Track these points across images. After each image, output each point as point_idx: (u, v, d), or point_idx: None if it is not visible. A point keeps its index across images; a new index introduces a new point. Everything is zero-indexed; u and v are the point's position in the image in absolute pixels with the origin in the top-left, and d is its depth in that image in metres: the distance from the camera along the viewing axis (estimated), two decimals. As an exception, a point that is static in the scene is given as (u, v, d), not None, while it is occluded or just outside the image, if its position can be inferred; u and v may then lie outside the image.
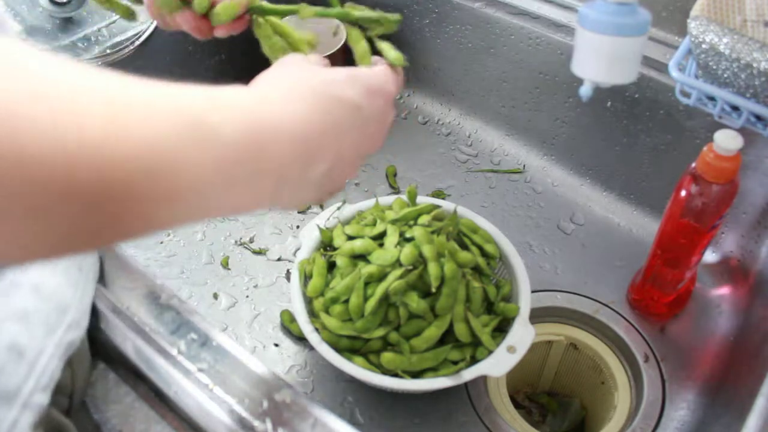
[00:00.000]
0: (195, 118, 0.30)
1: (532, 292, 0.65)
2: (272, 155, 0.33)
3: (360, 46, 0.50)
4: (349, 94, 0.39)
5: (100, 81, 0.27)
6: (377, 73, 0.43)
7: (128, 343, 0.50)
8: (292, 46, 0.53)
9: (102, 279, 0.53)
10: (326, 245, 0.68)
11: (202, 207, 0.31)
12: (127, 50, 0.81)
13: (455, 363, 0.61)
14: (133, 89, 0.29)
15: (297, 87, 0.37)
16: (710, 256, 0.79)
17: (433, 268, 0.59)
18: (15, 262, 0.28)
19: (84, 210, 0.26)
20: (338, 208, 0.71)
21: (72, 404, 0.49)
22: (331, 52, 0.86)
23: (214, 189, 0.31)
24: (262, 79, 0.39)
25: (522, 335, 0.61)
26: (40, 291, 0.44)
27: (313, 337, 0.60)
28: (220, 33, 0.53)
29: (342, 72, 0.41)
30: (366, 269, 0.60)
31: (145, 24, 0.84)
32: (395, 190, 0.88)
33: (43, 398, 0.44)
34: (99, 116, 0.26)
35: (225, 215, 0.34)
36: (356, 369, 0.59)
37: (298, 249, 0.69)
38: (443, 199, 0.77)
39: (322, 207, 0.86)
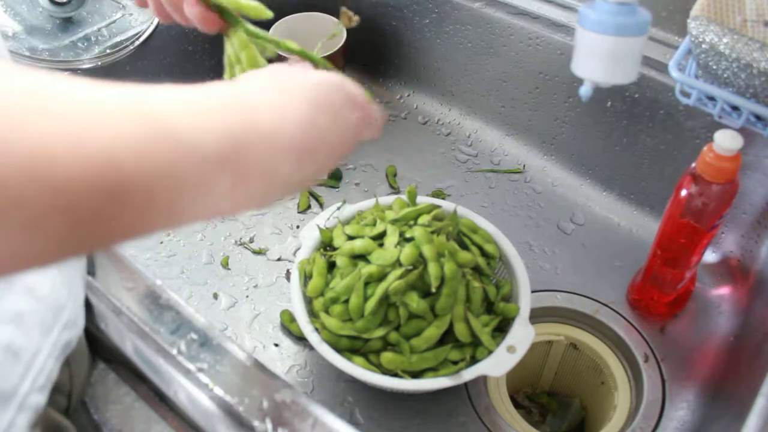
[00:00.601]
0: (166, 125, 0.28)
1: (532, 292, 0.65)
2: (255, 159, 0.32)
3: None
4: (334, 99, 0.38)
5: (63, 86, 0.26)
6: (357, 86, 0.43)
7: (128, 343, 0.50)
8: (250, 62, 0.51)
9: (92, 271, 0.53)
10: (326, 245, 0.68)
11: (184, 213, 0.30)
12: (126, 50, 0.81)
13: (455, 363, 0.61)
14: (93, 94, 0.27)
15: (285, 87, 0.37)
16: (710, 256, 0.79)
17: (433, 268, 0.59)
18: None
19: (41, 221, 0.24)
20: (338, 208, 0.71)
21: (70, 404, 0.49)
22: (331, 52, 0.86)
23: (190, 200, 0.29)
24: (251, 76, 0.38)
25: (522, 335, 0.61)
26: (34, 292, 0.44)
27: (313, 337, 0.60)
28: (187, 10, 0.49)
29: (330, 77, 0.40)
30: (366, 269, 0.60)
31: (145, 24, 0.84)
32: (395, 190, 0.88)
33: (39, 398, 0.44)
34: (56, 127, 0.24)
35: (213, 218, 0.32)
36: (356, 369, 0.59)
37: (298, 249, 0.69)
38: (443, 199, 0.77)
39: (321, 206, 0.86)
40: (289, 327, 0.73)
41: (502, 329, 0.63)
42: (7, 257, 0.24)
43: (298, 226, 0.84)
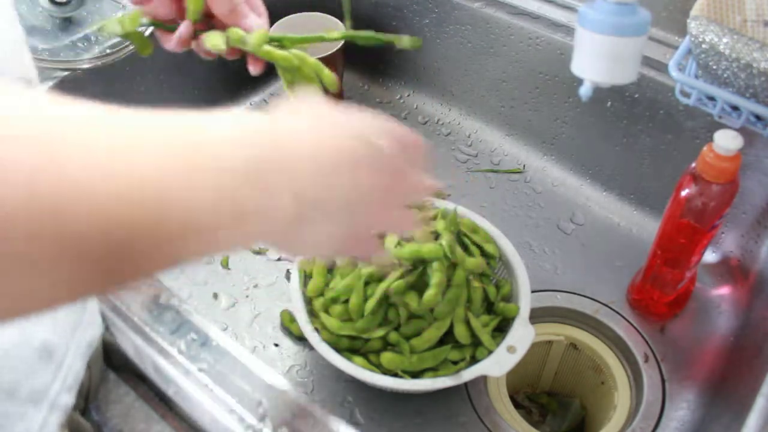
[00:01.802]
0: (198, 150, 0.28)
1: (532, 292, 0.65)
2: (282, 174, 0.31)
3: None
4: (362, 130, 0.36)
5: (96, 115, 0.26)
6: (403, 128, 0.40)
7: (128, 343, 0.50)
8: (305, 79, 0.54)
9: None
10: (326, 245, 0.68)
11: (212, 240, 0.30)
12: (127, 50, 0.81)
13: (455, 363, 0.61)
14: (118, 120, 0.27)
15: (314, 113, 0.36)
16: (710, 256, 0.79)
17: (436, 276, 0.59)
18: (34, 310, 0.26)
19: (88, 258, 0.24)
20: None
21: (87, 405, 0.49)
22: (331, 52, 0.86)
23: (222, 220, 0.29)
24: (280, 107, 0.37)
25: (522, 335, 0.61)
26: None
27: (313, 337, 0.60)
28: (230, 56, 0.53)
29: (362, 116, 0.38)
30: (366, 269, 0.60)
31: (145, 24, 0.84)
32: (395, 190, 0.88)
33: (68, 398, 0.44)
34: (95, 156, 0.24)
35: (240, 247, 0.32)
36: (356, 369, 0.59)
37: (298, 249, 0.69)
38: (443, 199, 0.77)
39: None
40: (289, 327, 0.73)
41: (502, 329, 0.63)
42: (17, 299, 0.24)
43: (298, 226, 0.84)
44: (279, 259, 0.81)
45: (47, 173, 0.23)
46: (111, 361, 0.53)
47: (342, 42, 0.87)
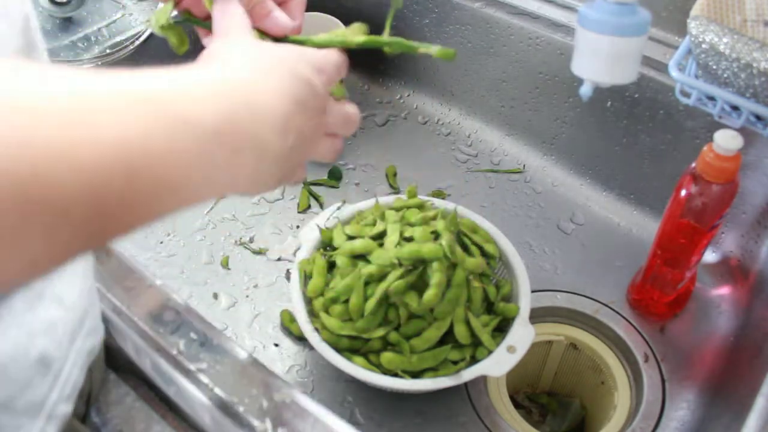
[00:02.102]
0: (172, 113, 0.29)
1: (532, 292, 0.65)
2: (249, 134, 0.34)
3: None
4: (301, 70, 0.40)
5: (62, 81, 0.26)
6: (322, 53, 0.44)
7: (128, 343, 0.50)
8: None
9: (100, 279, 0.53)
10: (326, 245, 0.68)
11: (184, 197, 0.31)
12: (127, 50, 0.81)
13: (455, 363, 0.61)
14: (98, 86, 0.28)
15: (263, 67, 0.38)
16: (710, 256, 0.79)
17: (436, 278, 0.59)
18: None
19: (63, 220, 0.25)
20: (338, 208, 0.71)
21: (88, 410, 0.49)
22: (331, 52, 0.86)
23: (195, 178, 0.31)
24: (228, 56, 0.39)
25: (522, 335, 0.61)
26: (62, 301, 0.43)
27: (313, 337, 0.60)
28: None
29: (289, 49, 0.42)
30: (366, 269, 0.60)
31: (145, 24, 0.84)
32: (395, 190, 0.88)
33: (66, 408, 0.43)
34: (61, 124, 0.25)
35: (204, 201, 0.33)
36: (356, 369, 0.59)
37: (298, 249, 0.69)
38: (443, 199, 0.77)
39: (321, 206, 0.86)
40: (289, 327, 0.73)
41: (502, 329, 0.63)
42: (37, 258, 0.25)
43: (298, 226, 0.84)
44: (279, 259, 0.81)
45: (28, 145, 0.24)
46: (111, 361, 0.53)
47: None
